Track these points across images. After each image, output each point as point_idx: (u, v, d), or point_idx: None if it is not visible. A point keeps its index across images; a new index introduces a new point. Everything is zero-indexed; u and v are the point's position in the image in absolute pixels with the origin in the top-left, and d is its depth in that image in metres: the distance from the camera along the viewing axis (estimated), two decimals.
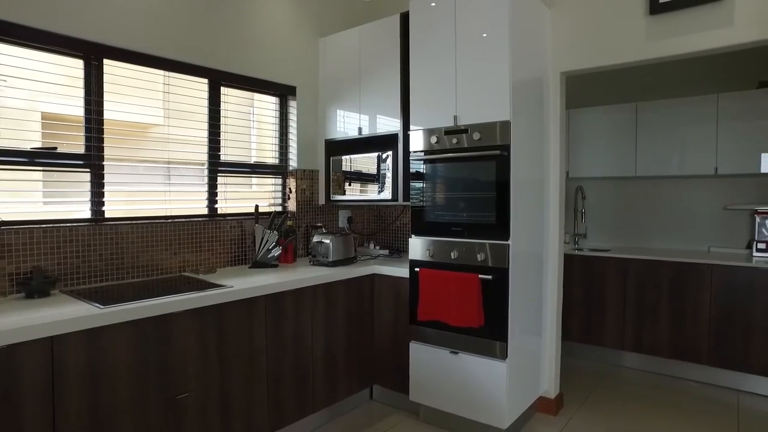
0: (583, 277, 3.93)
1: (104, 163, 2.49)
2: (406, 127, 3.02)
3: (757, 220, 3.63)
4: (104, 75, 2.47)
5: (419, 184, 2.82)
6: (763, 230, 3.60)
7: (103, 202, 2.49)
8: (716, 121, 3.70)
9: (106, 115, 2.50)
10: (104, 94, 2.48)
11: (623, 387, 3.50)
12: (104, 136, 2.49)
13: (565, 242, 4.50)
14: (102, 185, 2.49)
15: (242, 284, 2.40)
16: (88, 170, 2.45)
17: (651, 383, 3.57)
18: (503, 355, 2.52)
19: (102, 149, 2.49)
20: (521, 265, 2.64)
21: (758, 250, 3.56)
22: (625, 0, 2.75)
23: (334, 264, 2.99)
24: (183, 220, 2.77)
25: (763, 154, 3.56)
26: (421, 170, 2.81)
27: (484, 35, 2.55)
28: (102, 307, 1.91)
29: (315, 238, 3.06)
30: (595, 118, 4.23)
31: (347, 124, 3.36)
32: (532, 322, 2.84)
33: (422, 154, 2.80)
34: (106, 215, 2.51)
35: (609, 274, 3.82)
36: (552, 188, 2.98)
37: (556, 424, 2.93)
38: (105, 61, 2.47)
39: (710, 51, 2.56)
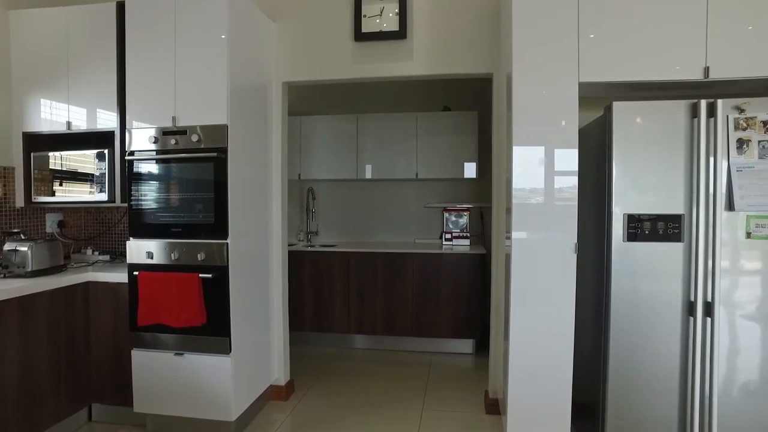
0: (314, 272, 4.30)
1: None
2: (123, 124, 2.84)
3: (445, 215, 4.55)
4: None
5: (138, 185, 2.70)
6: (449, 224, 4.54)
7: None
8: (416, 135, 4.49)
9: None
10: None
11: (350, 365, 3.97)
12: None
13: (298, 240, 4.85)
14: None
15: None
16: None
17: (372, 358, 4.15)
18: (227, 350, 2.61)
19: None
20: (243, 262, 2.77)
21: (446, 240, 4.47)
22: (337, 25, 3.13)
23: (35, 274, 2.63)
24: None
25: (465, 163, 4.46)
26: (140, 170, 2.70)
27: (204, 40, 2.59)
28: None
29: (7, 246, 2.64)
30: (324, 126, 4.66)
31: (54, 116, 2.98)
32: (258, 316, 3.00)
33: (141, 153, 2.69)
34: None
35: (335, 266, 4.27)
36: (275, 189, 3.20)
37: (286, 408, 3.16)
38: None
39: (399, 78, 3.14)
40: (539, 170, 2.31)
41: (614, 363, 2.21)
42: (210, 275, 2.58)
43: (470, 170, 4.42)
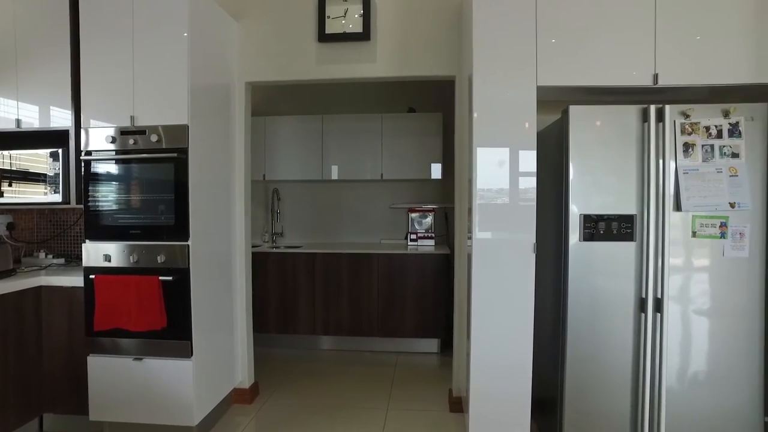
0: (279, 273, 4.27)
1: None
2: (78, 123, 2.75)
3: (411, 216, 4.58)
4: None
5: (95, 186, 2.62)
6: (414, 224, 4.58)
7: None
8: (381, 136, 4.51)
9: None
10: None
11: (315, 367, 3.95)
12: None
13: (263, 241, 4.80)
14: None
15: None
16: None
17: (338, 359, 4.14)
18: (189, 354, 2.56)
19: None
20: (205, 264, 2.73)
21: (411, 240, 4.51)
22: (301, 25, 3.12)
23: None
24: None
25: (431, 164, 4.50)
26: (98, 171, 2.62)
27: (163, 37, 2.53)
28: None
29: None
30: (289, 126, 4.63)
31: (2, 113, 2.86)
32: (221, 318, 2.96)
33: (98, 153, 2.62)
34: None
35: (300, 268, 4.25)
36: (238, 190, 3.16)
37: (251, 411, 3.13)
38: None
39: (363, 79, 3.14)
40: (499, 171, 2.37)
41: (571, 359, 2.29)
42: (170, 278, 2.53)
43: (435, 171, 4.47)
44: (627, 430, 2.27)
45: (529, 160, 2.36)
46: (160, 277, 2.52)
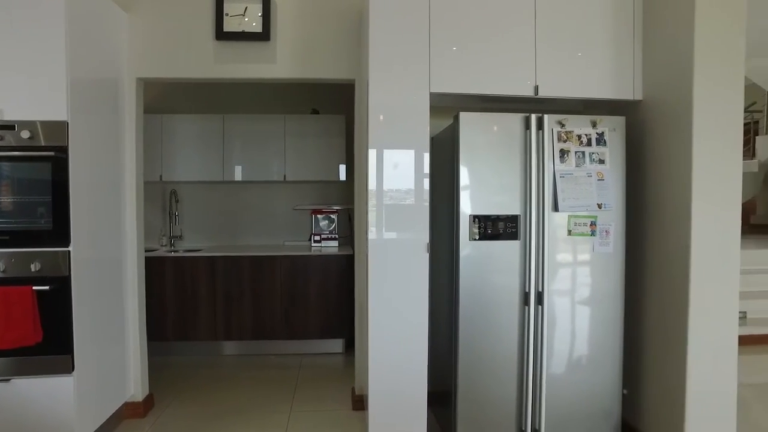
0: (177, 278, 4.07)
1: None
2: None
3: (314, 217, 4.58)
4: None
5: None
6: (319, 225, 4.58)
7: None
8: (284, 137, 4.47)
9: None
10: None
11: (217, 373, 3.83)
12: None
13: (161, 245, 4.56)
14: None
15: None
16: None
17: (241, 365, 4.04)
18: (69, 369, 2.37)
19: None
20: (89, 271, 2.54)
21: (315, 241, 4.50)
22: (198, 21, 3.00)
23: None
24: None
25: (334, 166, 4.50)
26: None
27: (36, 22, 2.31)
28: None
29: None
30: (188, 125, 4.42)
31: None
32: (109, 328, 2.77)
33: None
34: None
35: (200, 272, 4.08)
36: (129, 192, 2.97)
37: (144, 425, 2.96)
38: None
39: (262, 80, 3.10)
40: (393, 173, 2.46)
41: (464, 352, 2.43)
42: (47, 287, 2.32)
43: (339, 173, 4.51)
44: (513, 415, 2.45)
45: (421, 162, 2.46)
46: (35, 287, 2.30)
